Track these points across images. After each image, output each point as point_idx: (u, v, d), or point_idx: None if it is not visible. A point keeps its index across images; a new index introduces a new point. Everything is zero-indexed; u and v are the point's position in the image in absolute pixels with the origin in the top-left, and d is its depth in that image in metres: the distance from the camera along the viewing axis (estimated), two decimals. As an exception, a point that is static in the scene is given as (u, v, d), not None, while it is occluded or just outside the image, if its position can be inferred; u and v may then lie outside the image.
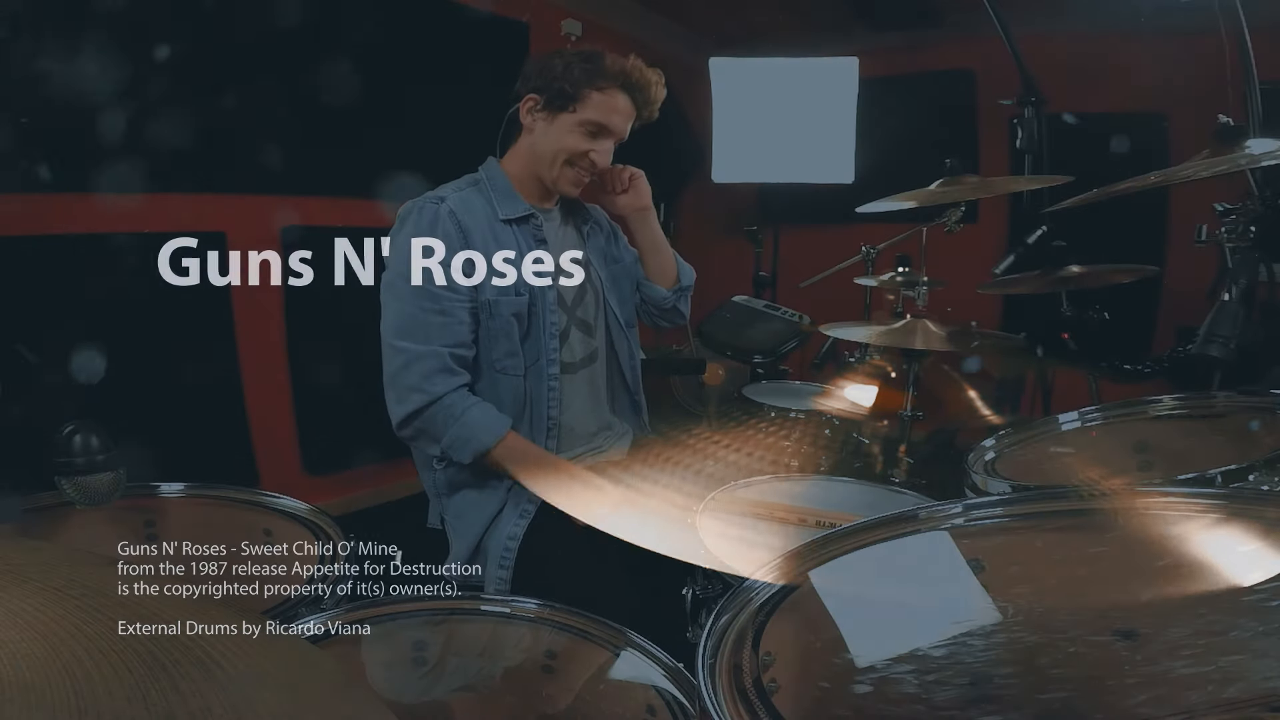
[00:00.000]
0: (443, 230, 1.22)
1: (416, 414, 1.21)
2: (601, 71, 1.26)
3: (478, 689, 0.82)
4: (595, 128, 1.27)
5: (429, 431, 1.22)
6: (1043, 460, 1.23)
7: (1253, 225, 1.43)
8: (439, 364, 1.20)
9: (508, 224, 1.29)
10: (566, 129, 1.27)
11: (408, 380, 1.21)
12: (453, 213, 1.23)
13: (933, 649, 0.58)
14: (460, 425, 1.20)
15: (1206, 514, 0.69)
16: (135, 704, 0.30)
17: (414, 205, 1.26)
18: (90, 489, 0.88)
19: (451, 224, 1.23)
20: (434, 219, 1.23)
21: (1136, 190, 1.09)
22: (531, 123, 1.30)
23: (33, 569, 0.39)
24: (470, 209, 1.26)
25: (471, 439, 1.20)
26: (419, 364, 1.20)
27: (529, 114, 1.29)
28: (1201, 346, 0.97)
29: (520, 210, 1.30)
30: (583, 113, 1.26)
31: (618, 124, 1.29)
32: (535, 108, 1.29)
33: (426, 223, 1.23)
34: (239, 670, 0.35)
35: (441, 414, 1.20)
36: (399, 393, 1.23)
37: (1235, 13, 1.60)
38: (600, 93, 1.26)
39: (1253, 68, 1.62)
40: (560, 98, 1.26)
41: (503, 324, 1.25)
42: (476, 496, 1.30)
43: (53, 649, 0.32)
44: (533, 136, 1.30)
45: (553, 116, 1.28)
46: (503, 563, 1.24)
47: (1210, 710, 0.45)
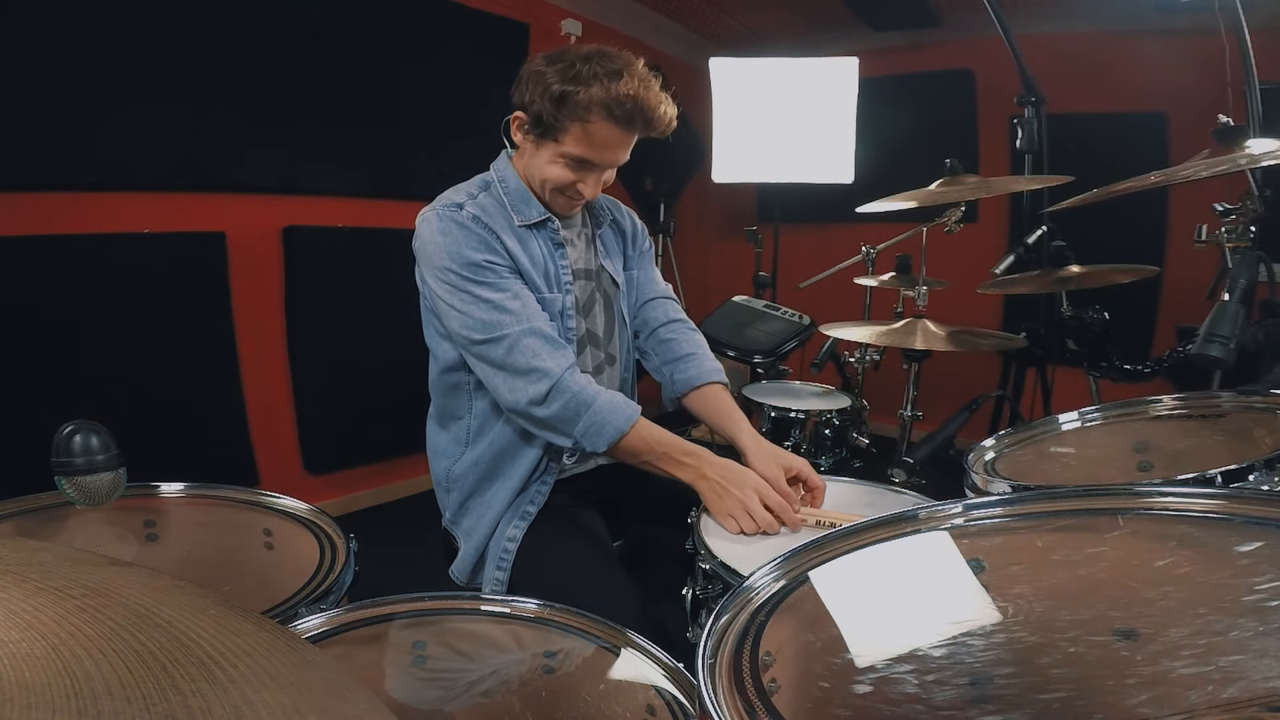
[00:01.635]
0: (474, 234, 1.17)
1: (546, 397, 1.13)
2: (584, 102, 1.11)
3: (476, 689, 0.82)
4: (580, 160, 1.17)
5: (562, 419, 1.15)
6: (1043, 460, 1.23)
7: (1253, 225, 1.43)
8: (543, 339, 1.15)
9: (526, 229, 1.25)
10: (549, 159, 1.18)
11: (520, 363, 1.13)
12: (476, 218, 1.19)
13: (933, 649, 0.58)
14: (593, 412, 1.14)
15: (1206, 514, 0.69)
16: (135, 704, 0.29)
17: (433, 214, 1.20)
18: (90, 489, 0.88)
19: (478, 226, 1.18)
20: (463, 224, 1.18)
21: (1136, 190, 1.09)
22: (521, 140, 1.22)
23: (33, 569, 0.39)
24: (490, 213, 1.21)
25: (607, 425, 1.14)
26: (523, 341, 1.13)
27: (518, 130, 1.21)
28: (1201, 346, 0.97)
29: (536, 215, 1.26)
30: (565, 145, 1.16)
31: (605, 156, 1.18)
32: (522, 126, 1.20)
33: (456, 227, 1.17)
34: (239, 670, 0.35)
35: (574, 400, 1.14)
36: (518, 379, 1.14)
37: (1235, 13, 1.60)
38: (583, 125, 1.13)
39: (1253, 68, 1.62)
40: (540, 125, 1.16)
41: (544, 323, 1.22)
42: (488, 495, 1.29)
43: (53, 649, 0.32)
44: (526, 155, 1.23)
45: (539, 142, 1.19)
46: (501, 564, 1.24)
47: (1210, 710, 0.45)
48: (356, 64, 2.70)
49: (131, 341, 2.21)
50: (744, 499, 1.08)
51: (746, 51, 4.36)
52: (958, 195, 1.76)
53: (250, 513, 1.14)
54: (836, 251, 2.73)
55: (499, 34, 3.16)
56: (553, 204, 1.26)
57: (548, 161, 1.19)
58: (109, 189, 2.15)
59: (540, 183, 1.23)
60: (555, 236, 1.29)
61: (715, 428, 1.34)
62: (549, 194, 1.24)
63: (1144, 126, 3.25)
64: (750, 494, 1.09)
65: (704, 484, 1.13)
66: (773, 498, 1.09)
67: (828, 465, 2.17)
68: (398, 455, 2.98)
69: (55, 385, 2.03)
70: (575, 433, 1.16)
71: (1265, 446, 0.98)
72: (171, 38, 2.19)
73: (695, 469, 1.15)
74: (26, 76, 1.94)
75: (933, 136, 3.57)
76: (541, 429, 1.19)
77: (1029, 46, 2.34)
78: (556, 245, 1.29)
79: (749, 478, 1.11)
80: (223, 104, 2.34)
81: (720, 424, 1.32)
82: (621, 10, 3.76)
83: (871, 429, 2.25)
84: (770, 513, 1.07)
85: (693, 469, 1.15)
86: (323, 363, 2.74)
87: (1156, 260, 2.91)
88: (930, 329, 1.78)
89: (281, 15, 2.45)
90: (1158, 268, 1.94)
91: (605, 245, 1.41)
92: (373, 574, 1.03)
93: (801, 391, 2.38)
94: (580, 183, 1.20)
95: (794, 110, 3.40)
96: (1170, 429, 1.20)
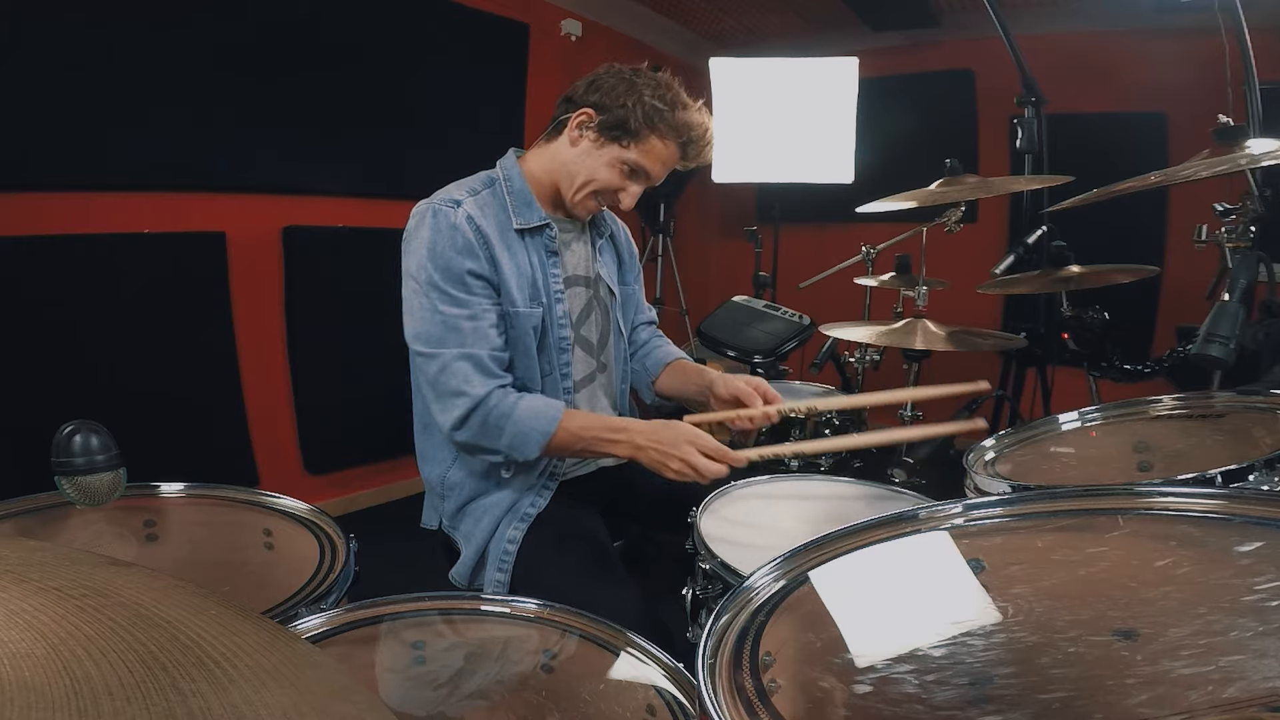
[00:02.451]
0: (462, 237, 1.16)
1: (465, 420, 1.14)
2: (673, 123, 1.19)
3: (477, 689, 0.82)
4: (639, 170, 1.22)
5: (484, 437, 1.15)
6: (1043, 460, 1.23)
7: (1253, 225, 1.43)
8: (476, 365, 1.15)
9: (521, 234, 1.24)
10: (609, 161, 1.21)
11: (448, 385, 1.14)
12: (471, 218, 1.17)
13: (933, 649, 0.58)
14: (514, 421, 1.14)
15: (1206, 514, 0.69)
16: (135, 704, 0.29)
17: (428, 208, 1.19)
18: (90, 489, 0.88)
19: (471, 229, 1.17)
20: (454, 225, 1.16)
21: (1136, 190, 1.09)
22: (578, 137, 1.22)
23: (33, 569, 0.39)
24: (487, 215, 1.20)
25: (531, 431, 1.13)
26: (458, 364, 1.14)
27: (578, 127, 1.22)
28: (1201, 346, 0.97)
29: (536, 219, 1.25)
30: (635, 153, 1.20)
31: (660, 173, 1.24)
32: (588, 124, 1.21)
33: (444, 228, 1.16)
34: (239, 670, 0.35)
35: (493, 415, 1.14)
36: (442, 401, 1.16)
37: (1235, 13, 1.60)
38: (661, 140, 1.20)
39: (1253, 68, 1.62)
40: (620, 129, 1.19)
41: (521, 335, 1.22)
42: (485, 501, 1.29)
43: (53, 649, 0.32)
44: (573, 151, 1.23)
45: (603, 143, 1.21)
46: (501, 566, 1.23)
47: (1210, 710, 0.45)
48: (357, 64, 2.70)
49: (131, 341, 2.21)
50: (684, 456, 1.10)
51: (746, 51, 4.36)
52: (958, 195, 1.76)
53: (250, 513, 1.14)
54: (836, 251, 2.73)
55: (499, 34, 3.16)
56: (580, 206, 1.26)
57: (606, 163, 1.21)
58: (109, 189, 2.15)
59: (583, 182, 1.23)
60: (550, 244, 1.27)
61: (687, 386, 1.41)
62: (584, 195, 1.24)
63: (1144, 126, 3.25)
64: (687, 449, 1.10)
65: (641, 454, 1.15)
66: (709, 444, 1.11)
67: (828, 465, 2.17)
68: (398, 455, 2.98)
69: (55, 385, 2.03)
70: (502, 447, 1.16)
71: (1265, 446, 0.98)
72: (171, 38, 2.19)
73: (628, 442, 1.15)
74: (26, 76, 1.94)
75: (933, 136, 3.57)
76: (472, 452, 1.21)
77: (1029, 46, 2.34)
78: (550, 253, 1.28)
79: (680, 433, 1.12)
80: (223, 104, 2.33)
81: (690, 380, 1.39)
82: (621, 10, 3.76)
83: (871, 429, 2.25)
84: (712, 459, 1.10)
85: (626, 443, 1.16)
86: (323, 363, 2.74)
87: (1156, 260, 2.91)
88: (930, 329, 1.78)
89: (282, 15, 2.45)
90: (1158, 268, 1.94)
91: (604, 256, 1.41)
92: (373, 574, 1.03)
93: (801, 391, 2.38)
94: (624, 191, 1.24)
95: (794, 110, 3.40)
96: (1170, 429, 1.20)
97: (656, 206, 3.94)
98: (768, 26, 4.10)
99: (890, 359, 2.30)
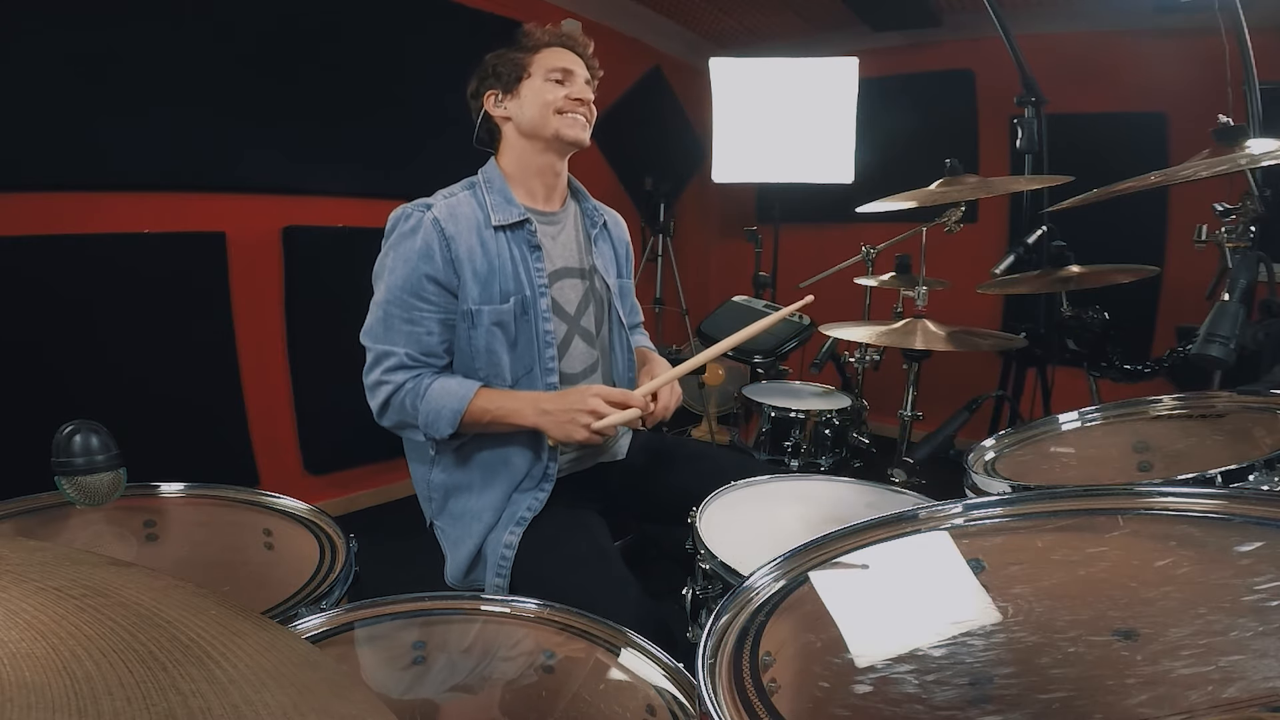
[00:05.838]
0: (424, 239, 1.21)
1: (386, 404, 1.23)
2: (529, 41, 1.34)
3: (477, 690, 0.82)
4: (559, 73, 1.31)
5: (404, 417, 1.23)
6: (1043, 460, 1.23)
7: (1253, 225, 1.43)
8: (398, 362, 1.22)
9: (499, 230, 1.27)
10: (535, 91, 1.30)
11: (373, 376, 1.24)
12: (437, 221, 1.22)
13: (933, 649, 0.58)
14: (426, 400, 1.21)
15: (1206, 514, 0.69)
16: (135, 704, 0.29)
17: (401, 213, 1.26)
18: (90, 489, 0.88)
19: (435, 232, 1.21)
20: (417, 227, 1.23)
21: (1136, 190, 1.09)
22: (504, 111, 1.33)
23: (33, 569, 0.39)
24: (457, 217, 1.24)
25: (443, 409, 1.20)
26: (384, 359, 1.22)
27: (497, 105, 1.33)
28: (1201, 346, 0.97)
29: (514, 215, 1.29)
30: (538, 72, 1.31)
31: (575, 66, 1.33)
32: (499, 97, 1.33)
33: (409, 231, 1.23)
34: (239, 670, 0.35)
35: (408, 397, 1.21)
36: (369, 389, 1.25)
37: (1235, 13, 1.61)
38: (540, 53, 1.32)
39: (1253, 68, 1.62)
40: (513, 73, 1.31)
41: (484, 333, 1.24)
42: (472, 505, 1.29)
43: (53, 649, 0.32)
44: (513, 120, 1.33)
45: (517, 92, 1.32)
46: (500, 571, 1.23)
47: (1210, 710, 0.45)
48: (357, 63, 2.69)
49: (131, 341, 2.20)
50: (589, 407, 1.16)
51: (746, 51, 4.36)
52: (958, 195, 1.75)
53: (250, 513, 1.15)
54: (836, 251, 2.73)
55: (499, 34, 3.13)
56: (566, 133, 1.30)
57: (537, 92, 1.30)
58: (109, 189, 2.15)
59: (541, 115, 1.29)
60: (532, 239, 1.30)
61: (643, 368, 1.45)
62: (557, 123, 1.30)
63: (1144, 126, 3.25)
64: (591, 399, 1.17)
65: (547, 419, 1.19)
66: (611, 393, 1.18)
67: (828, 465, 2.17)
68: (398, 455, 2.95)
69: (55, 385, 2.03)
70: (421, 425, 1.22)
71: (1265, 446, 0.98)
72: (172, 38, 2.19)
73: (533, 407, 1.20)
74: (26, 76, 1.94)
75: (933, 136, 3.57)
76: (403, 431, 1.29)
77: (1029, 46, 2.34)
78: (533, 248, 1.30)
79: (583, 390, 1.19)
80: (223, 104, 2.33)
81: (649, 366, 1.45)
82: (621, 10, 3.76)
83: (871, 429, 2.26)
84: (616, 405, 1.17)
85: (531, 412, 1.20)
86: (323, 362, 2.73)
87: (1156, 260, 2.90)
88: (930, 329, 1.78)
89: (282, 15, 2.45)
90: (1158, 268, 1.94)
91: (600, 246, 1.43)
92: (373, 574, 1.03)
93: (801, 391, 2.38)
94: (571, 88, 1.31)
95: (794, 110, 3.40)
96: (1170, 429, 1.20)
97: (656, 206, 3.94)
98: (768, 26, 4.10)
99: (890, 359, 2.30)
